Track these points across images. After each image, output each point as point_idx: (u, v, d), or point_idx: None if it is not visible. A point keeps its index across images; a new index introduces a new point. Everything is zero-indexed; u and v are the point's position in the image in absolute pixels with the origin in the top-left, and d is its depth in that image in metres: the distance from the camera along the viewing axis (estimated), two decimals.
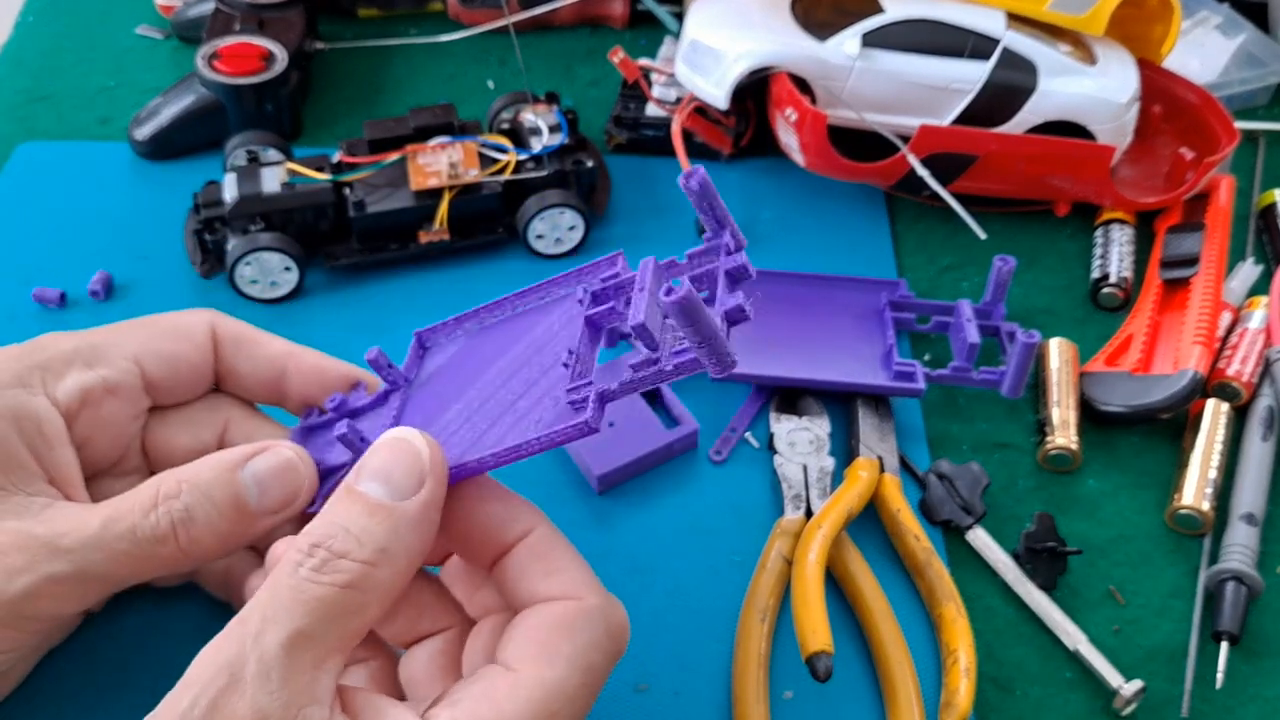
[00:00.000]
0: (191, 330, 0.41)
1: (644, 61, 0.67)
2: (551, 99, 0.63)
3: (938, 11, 0.59)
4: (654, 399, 0.54)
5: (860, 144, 0.61)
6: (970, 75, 0.59)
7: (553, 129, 0.62)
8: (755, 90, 0.62)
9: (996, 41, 0.59)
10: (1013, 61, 0.59)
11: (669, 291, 0.29)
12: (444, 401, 0.38)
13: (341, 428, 0.37)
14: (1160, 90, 0.66)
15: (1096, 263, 0.61)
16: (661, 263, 0.35)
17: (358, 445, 0.37)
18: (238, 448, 0.37)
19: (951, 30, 0.59)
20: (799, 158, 0.62)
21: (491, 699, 0.31)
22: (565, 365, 0.35)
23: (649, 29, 0.77)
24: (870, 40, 0.59)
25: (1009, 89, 0.59)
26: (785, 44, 0.60)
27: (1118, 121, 0.60)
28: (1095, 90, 0.60)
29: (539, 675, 0.31)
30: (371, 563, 0.31)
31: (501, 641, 0.33)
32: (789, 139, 0.61)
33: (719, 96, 0.61)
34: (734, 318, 0.32)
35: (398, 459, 0.33)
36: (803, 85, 0.60)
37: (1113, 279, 0.60)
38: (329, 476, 0.39)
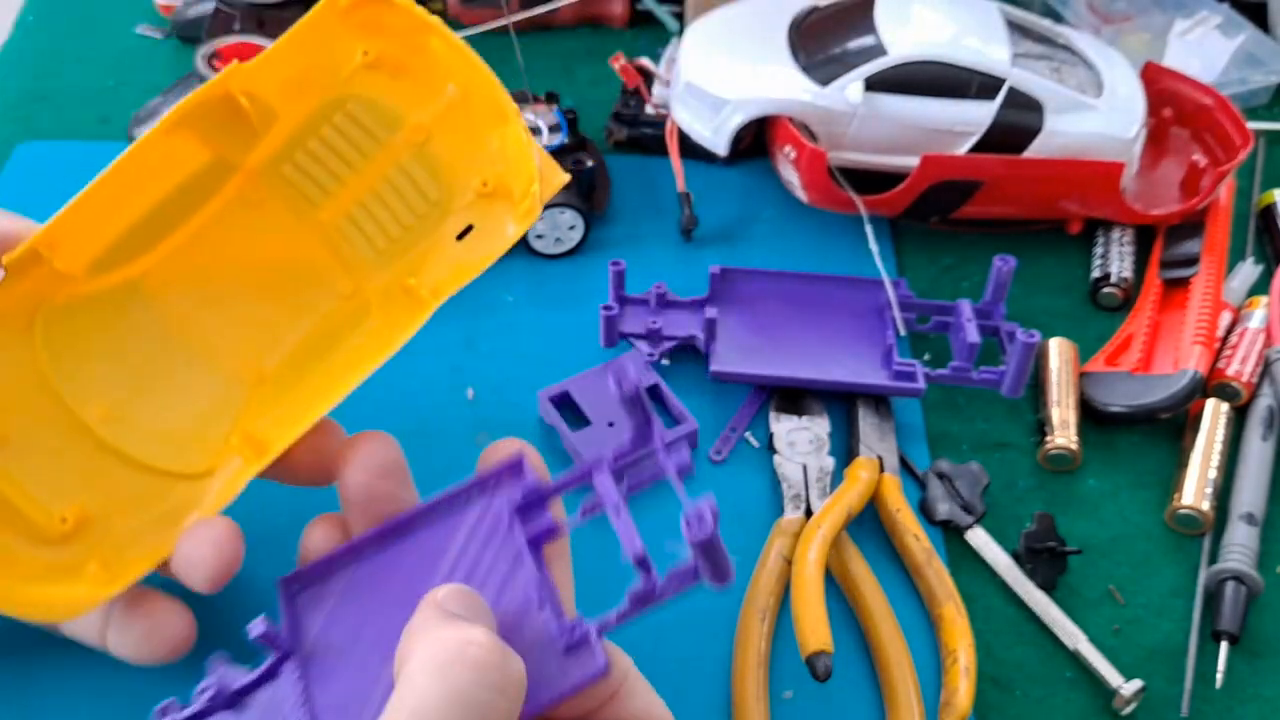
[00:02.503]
0: None
1: (644, 62, 0.67)
2: (551, 99, 0.63)
3: (942, 51, 0.58)
4: (653, 397, 0.54)
5: (864, 172, 0.60)
6: (976, 117, 0.58)
7: (553, 129, 0.62)
8: None
9: (1002, 81, 0.57)
10: (1019, 101, 0.58)
11: (693, 523, 0.30)
12: (364, 665, 0.33)
13: None
14: (1170, 93, 0.65)
15: (1096, 263, 0.61)
16: (604, 467, 0.33)
17: None
18: None
19: (956, 71, 0.57)
20: (801, 194, 0.61)
21: None
22: (540, 609, 0.33)
23: (649, 29, 0.77)
24: (873, 84, 0.58)
25: (1015, 129, 0.58)
26: (785, 91, 0.59)
27: (1125, 155, 0.59)
28: (1102, 126, 0.59)
29: None
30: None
31: None
32: (790, 175, 0.61)
33: (718, 144, 0.60)
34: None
35: (478, 610, 0.31)
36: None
37: (1113, 279, 0.60)
38: None
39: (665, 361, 0.55)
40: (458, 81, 0.42)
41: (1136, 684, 0.44)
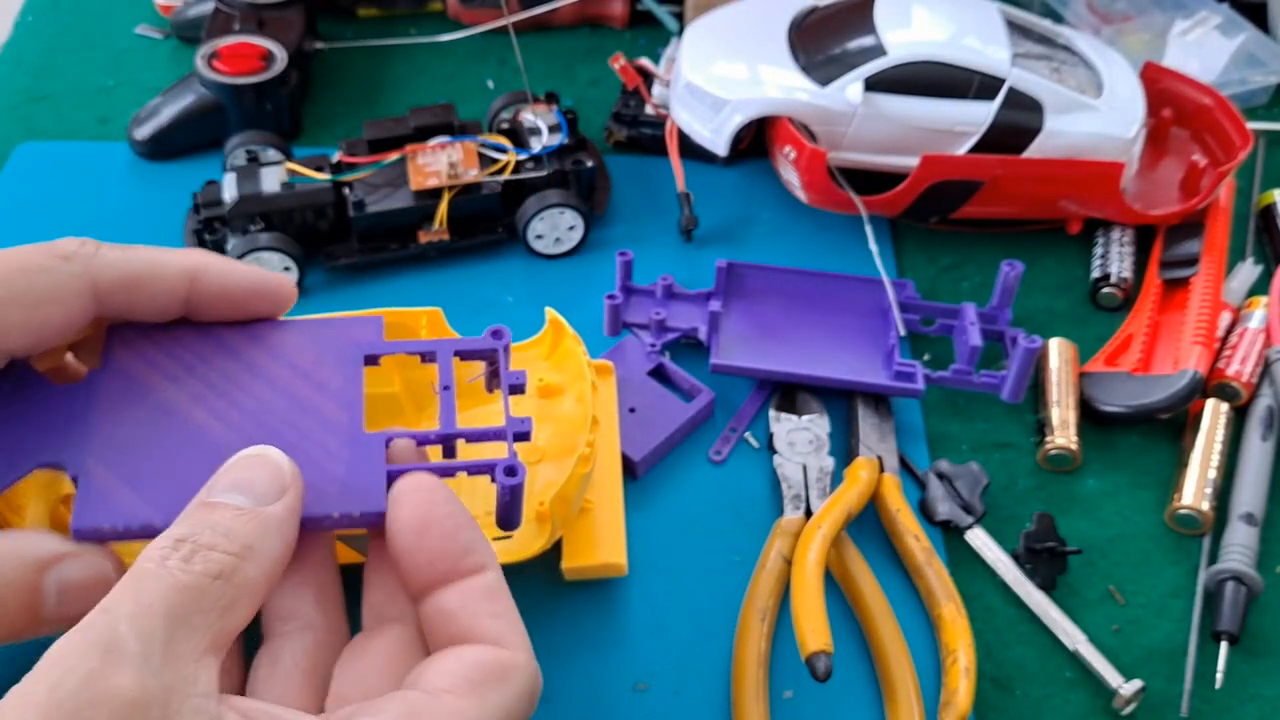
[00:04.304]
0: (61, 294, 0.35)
1: (643, 62, 0.67)
2: (551, 99, 0.63)
3: (942, 51, 0.58)
4: (663, 378, 0.54)
5: (864, 173, 0.60)
6: (975, 117, 0.58)
7: (552, 129, 0.62)
8: None
9: (1002, 81, 0.57)
10: (1018, 101, 0.58)
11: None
12: (161, 417, 0.35)
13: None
14: (1170, 93, 0.65)
15: (1096, 263, 0.61)
16: (449, 348, 0.38)
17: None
18: (50, 543, 0.34)
19: (956, 71, 0.57)
20: (801, 195, 0.61)
21: (411, 717, 0.30)
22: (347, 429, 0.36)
23: (649, 29, 0.77)
24: (873, 84, 0.58)
25: (1015, 129, 0.58)
26: (785, 91, 0.58)
27: (1125, 155, 0.59)
28: (1101, 127, 0.59)
29: (463, 709, 0.30)
30: (240, 556, 0.30)
31: (427, 668, 0.32)
32: (790, 175, 0.61)
33: (718, 145, 0.60)
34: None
35: (256, 471, 0.32)
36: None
37: (1113, 279, 0.60)
38: None
39: (665, 355, 0.56)
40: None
41: (1136, 684, 0.44)
